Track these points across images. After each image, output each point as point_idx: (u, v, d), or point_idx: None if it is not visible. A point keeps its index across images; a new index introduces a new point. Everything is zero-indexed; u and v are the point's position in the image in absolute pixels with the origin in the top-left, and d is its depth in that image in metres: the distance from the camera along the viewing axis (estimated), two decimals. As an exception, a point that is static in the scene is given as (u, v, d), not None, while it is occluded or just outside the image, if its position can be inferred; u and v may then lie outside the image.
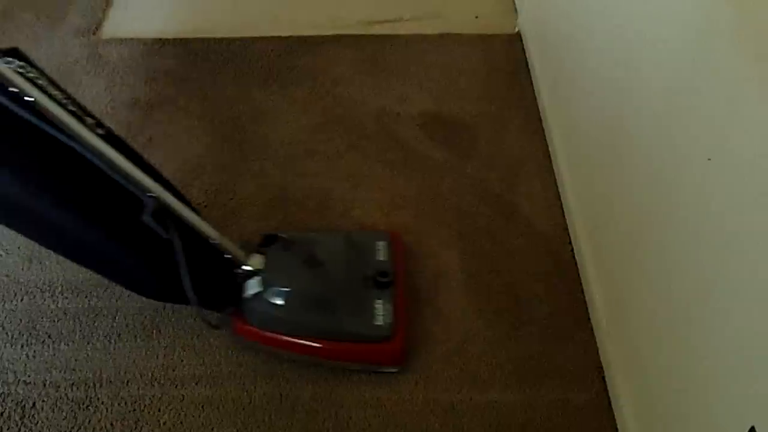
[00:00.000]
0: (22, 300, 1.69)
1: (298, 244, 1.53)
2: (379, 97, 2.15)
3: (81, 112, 1.19)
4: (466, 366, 1.56)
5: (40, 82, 1.13)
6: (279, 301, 1.45)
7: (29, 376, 1.56)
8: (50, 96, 1.11)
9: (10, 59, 1.11)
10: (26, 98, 1.06)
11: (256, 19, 2.46)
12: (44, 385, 1.55)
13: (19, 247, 1.78)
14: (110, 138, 1.21)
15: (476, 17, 2.44)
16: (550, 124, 1.97)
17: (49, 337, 1.62)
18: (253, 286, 1.47)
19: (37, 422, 1.49)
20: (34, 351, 1.60)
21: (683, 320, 1.16)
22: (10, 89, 1.05)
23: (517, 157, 1.96)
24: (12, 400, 1.53)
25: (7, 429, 1.48)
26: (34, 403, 1.52)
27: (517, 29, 2.35)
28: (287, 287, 1.45)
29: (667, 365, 1.23)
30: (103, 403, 1.52)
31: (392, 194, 1.88)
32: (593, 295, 1.61)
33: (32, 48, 2.40)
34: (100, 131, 1.19)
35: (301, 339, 1.50)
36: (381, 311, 1.48)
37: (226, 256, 1.43)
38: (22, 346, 1.61)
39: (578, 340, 1.59)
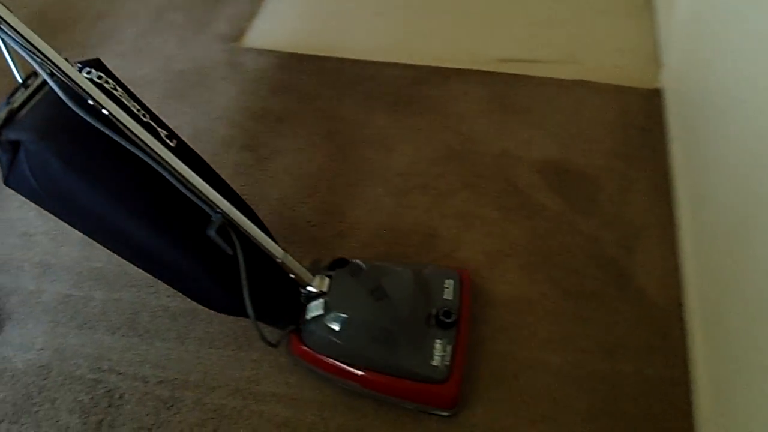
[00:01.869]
0: (127, 292, 1.75)
1: (366, 272, 1.51)
2: (502, 138, 2.10)
3: (155, 124, 1.23)
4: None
5: (116, 93, 1.17)
6: (338, 327, 1.44)
7: (122, 366, 1.62)
8: (124, 107, 1.15)
9: (90, 69, 1.15)
10: (103, 110, 1.10)
11: (392, 45, 2.47)
12: (134, 378, 1.60)
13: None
14: (182, 150, 1.25)
15: (616, 67, 2.35)
16: (679, 191, 1.86)
17: (147, 332, 1.68)
18: (314, 309, 1.47)
19: (122, 414, 1.54)
20: (131, 343, 1.66)
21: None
22: (89, 102, 1.09)
23: (639, 221, 1.86)
24: (103, 388, 1.58)
25: (94, 415, 1.54)
26: (122, 395, 1.57)
27: (658, 85, 2.24)
28: (348, 314, 1.44)
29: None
30: (186, 405, 1.55)
31: (501, 241, 1.83)
32: (699, 380, 1.49)
33: (175, 47, 2.51)
34: (171, 143, 1.23)
35: (355, 368, 1.47)
36: (440, 351, 1.45)
37: (290, 275, 1.43)
38: (120, 337, 1.67)
39: (675, 427, 1.48)
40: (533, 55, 2.39)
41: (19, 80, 1.16)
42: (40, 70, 1.06)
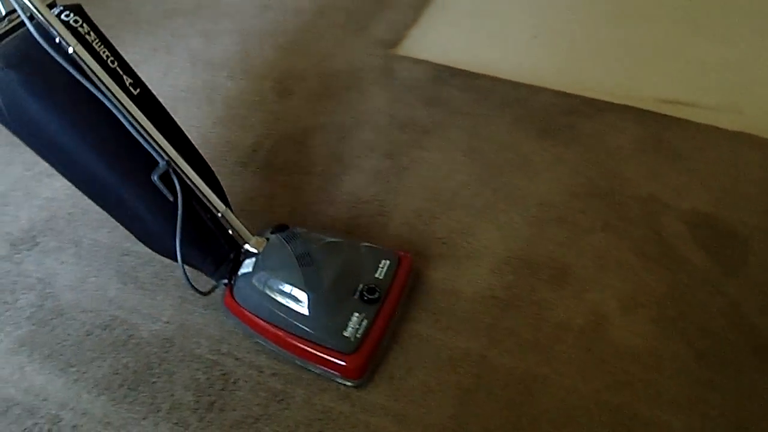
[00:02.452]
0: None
1: (299, 239, 1.59)
2: (651, 182, 2.02)
3: (122, 71, 1.33)
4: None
5: (88, 37, 1.28)
6: (261, 286, 1.56)
7: (240, 352, 1.66)
8: (92, 50, 1.26)
9: (69, 12, 1.26)
10: (68, 50, 1.21)
11: (547, 70, 2.43)
12: (250, 366, 1.64)
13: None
14: (144, 99, 1.36)
15: (784, 123, 2.21)
16: (839, 266, 1.73)
17: (268, 320, 1.71)
18: (246, 266, 1.61)
19: (233, 399, 1.58)
20: (252, 330, 1.70)
21: None
22: (57, 39, 1.20)
23: (789, 291, 1.74)
24: (219, 370, 1.63)
25: (207, 395, 1.58)
26: (236, 380, 1.61)
27: (829, 148, 2.10)
28: (271, 275, 1.56)
29: None
30: (295, 402, 1.57)
31: (636, 289, 1.75)
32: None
33: (333, 47, 2.57)
34: (134, 91, 1.34)
35: (271, 326, 1.58)
36: (355, 324, 1.53)
37: (229, 231, 1.58)
38: (243, 322, 1.72)
39: None
40: (695, 99, 2.28)
41: (2, 12, 1.28)
42: (20, 11, 1.18)
